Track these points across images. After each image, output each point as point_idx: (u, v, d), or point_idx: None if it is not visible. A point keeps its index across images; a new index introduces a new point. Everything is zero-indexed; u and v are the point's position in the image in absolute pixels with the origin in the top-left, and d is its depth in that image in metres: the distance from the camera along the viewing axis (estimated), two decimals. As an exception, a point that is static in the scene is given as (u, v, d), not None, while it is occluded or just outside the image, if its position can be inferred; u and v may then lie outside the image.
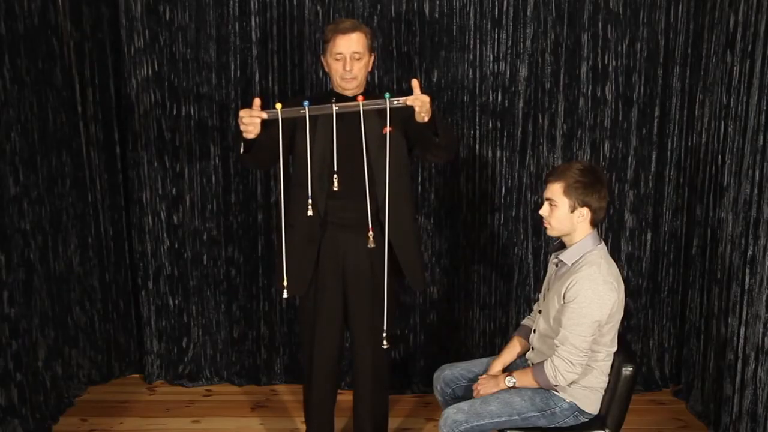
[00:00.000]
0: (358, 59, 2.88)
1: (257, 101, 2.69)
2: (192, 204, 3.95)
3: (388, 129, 2.72)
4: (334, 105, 2.69)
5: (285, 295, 2.83)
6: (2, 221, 3.30)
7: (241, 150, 2.82)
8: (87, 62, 3.86)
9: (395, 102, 2.67)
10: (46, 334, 3.68)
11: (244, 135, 2.69)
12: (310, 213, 2.70)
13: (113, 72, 3.90)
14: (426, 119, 2.74)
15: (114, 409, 3.86)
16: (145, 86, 3.80)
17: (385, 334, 2.88)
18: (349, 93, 2.94)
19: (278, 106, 2.65)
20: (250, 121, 2.66)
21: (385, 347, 2.90)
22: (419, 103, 2.69)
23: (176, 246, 3.99)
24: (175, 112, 3.85)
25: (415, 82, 2.72)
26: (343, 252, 3.03)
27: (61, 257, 3.81)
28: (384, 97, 2.67)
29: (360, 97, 2.69)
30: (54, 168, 3.73)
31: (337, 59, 2.88)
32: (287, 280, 2.87)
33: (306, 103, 2.66)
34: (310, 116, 2.67)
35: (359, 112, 2.67)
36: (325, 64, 2.97)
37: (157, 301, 4.04)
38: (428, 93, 2.77)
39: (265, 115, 2.65)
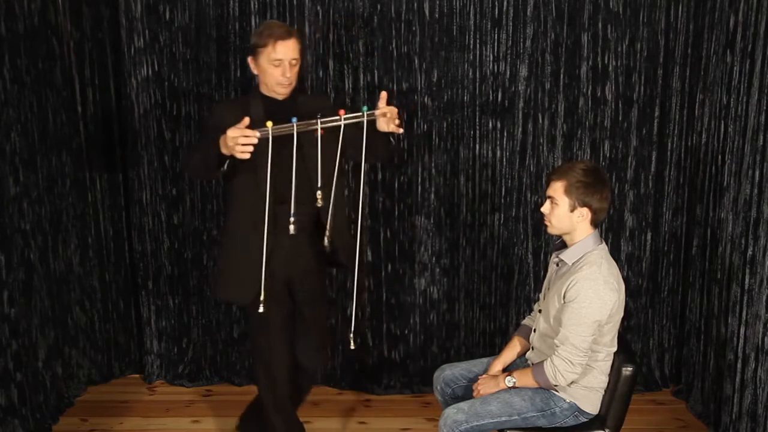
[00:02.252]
0: (295, 65, 2.89)
1: (246, 120, 2.67)
2: (192, 204, 3.95)
3: (345, 130, 2.77)
4: (319, 121, 2.72)
5: (261, 309, 2.83)
6: (2, 221, 3.30)
7: (224, 167, 2.79)
8: (87, 62, 3.86)
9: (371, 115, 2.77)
10: (46, 334, 3.68)
11: (239, 156, 2.66)
12: (292, 231, 2.75)
13: (113, 72, 3.90)
14: (400, 129, 2.84)
15: (114, 409, 3.86)
16: (145, 86, 3.80)
17: (352, 334, 2.91)
18: (280, 98, 2.94)
19: (269, 124, 2.66)
20: (248, 141, 2.64)
21: (352, 348, 2.95)
22: (390, 114, 2.79)
23: (176, 246, 3.99)
24: (175, 112, 3.85)
25: (383, 94, 2.80)
26: (292, 255, 3.02)
27: (61, 257, 3.81)
28: (362, 110, 2.77)
29: (341, 111, 2.74)
30: (54, 168, 3.73)
31: (275, 65, 2.86)
32: (234, 288, 2.97)
33: (294, 119, 2.68)
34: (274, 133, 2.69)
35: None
36: (254, 66, 2.91)
37: (157, 301, 4.04)
38: (394, 104, 2.90)
39: (258, 134, 2.66)
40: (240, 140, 2.63)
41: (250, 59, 2.91)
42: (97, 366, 4.10)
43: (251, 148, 2.65)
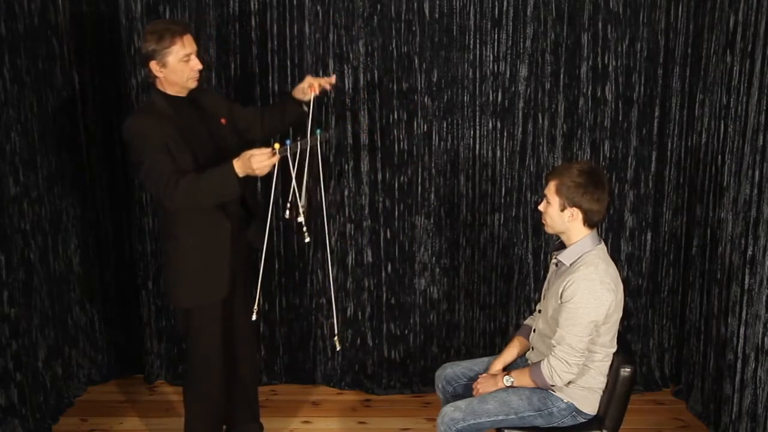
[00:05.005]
0: (197, 55, 2.95)
1: (269, 149, 2.79)
2: (192, 204, 3.94)
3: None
4: (301, 141, 2.84)
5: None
6: (2, 221, 3.30)
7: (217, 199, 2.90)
8: (87, 62, 3.86)
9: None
10: (46, 334, 3.69)
11: (261, 174, 2.77)
12: (300, 220, 2.83)
13: (113, 72, 3.90)
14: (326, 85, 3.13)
15: (114, 409, 3.86)
16: (145, 86, 3.79)
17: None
18: (185, 94, 2.96)
19: (276, 146, 2.77)
20: (273, 162, 2.77)
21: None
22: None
23: (176, 246, 3.99)
24: (175, 112, 3.84)
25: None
26: (237, 243, 3.08)
27: (61, 257, 3.82)
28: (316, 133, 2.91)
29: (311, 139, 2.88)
30: (54, 168, 3.73)
31: (185, 60, 2.88)
32: (203, 288, 3.00)
33: (288, 141, 2.80)
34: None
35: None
36: (158, 69, 2.88)
37: (157, 301, 4.04)
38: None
39: (278, 156, 2.79)
40: (266, 163, 2.75)
41: (153, 64, 2.87)
42: (97, 366, 4.11)
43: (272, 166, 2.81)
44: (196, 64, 2.91)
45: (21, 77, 3.45)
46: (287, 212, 2.86)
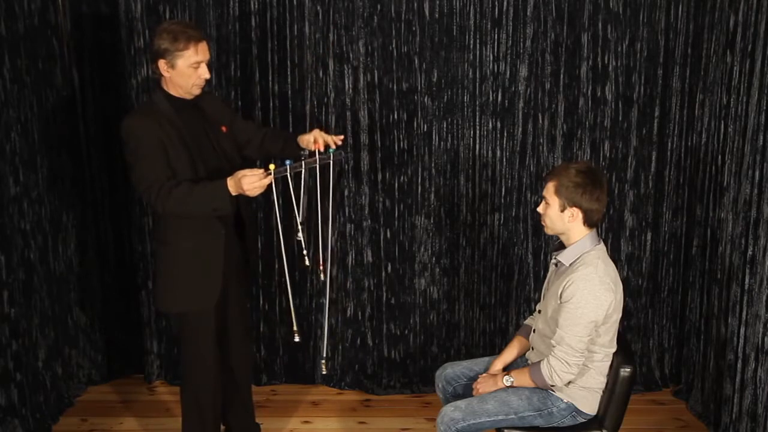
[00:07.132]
0: (207, 63, 2.93)
1: (261, 171, 2.78)
2: (192, 204, 3.94)
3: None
4: (303, 162, 2.87)
5: (297, 339, 2.98)
6: (2, 221, 3.30)
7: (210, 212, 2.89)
8: (87, 62, 3.86)
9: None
10: (46, 334, 3.68)
11: (253, 195, 2.77)
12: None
13: (113, 72, 3.90)
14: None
15: (114, 409, 3.86)
16: (145, 86, 3.79)
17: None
18: (190, 97, 2.95)
19: (272, 167, 2.76)
20: (266, 182, 2.76)
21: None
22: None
23: (176, 246, 3.99)
24: (175, 112, 3.84)
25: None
26: (229, 250, 3.07)
27: (61, 257, 3.82)
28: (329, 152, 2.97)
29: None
30: (54, 168, 3.73)
31: (194, 67, 2.87)
32: (193, 295, 2.99)
33: (288, 162, 2.81)
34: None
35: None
36: (165, 68, 2.86)
37: (157, 301, 4.04)
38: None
39: (272, 177, 2.77)
40: (258, 184, 2.74)
41: (162, 62, 2.85)
42: (97, 366, 4.11)
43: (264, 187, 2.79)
44: (204, 73, 2.89)
45: (21, 77, 3.45)
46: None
